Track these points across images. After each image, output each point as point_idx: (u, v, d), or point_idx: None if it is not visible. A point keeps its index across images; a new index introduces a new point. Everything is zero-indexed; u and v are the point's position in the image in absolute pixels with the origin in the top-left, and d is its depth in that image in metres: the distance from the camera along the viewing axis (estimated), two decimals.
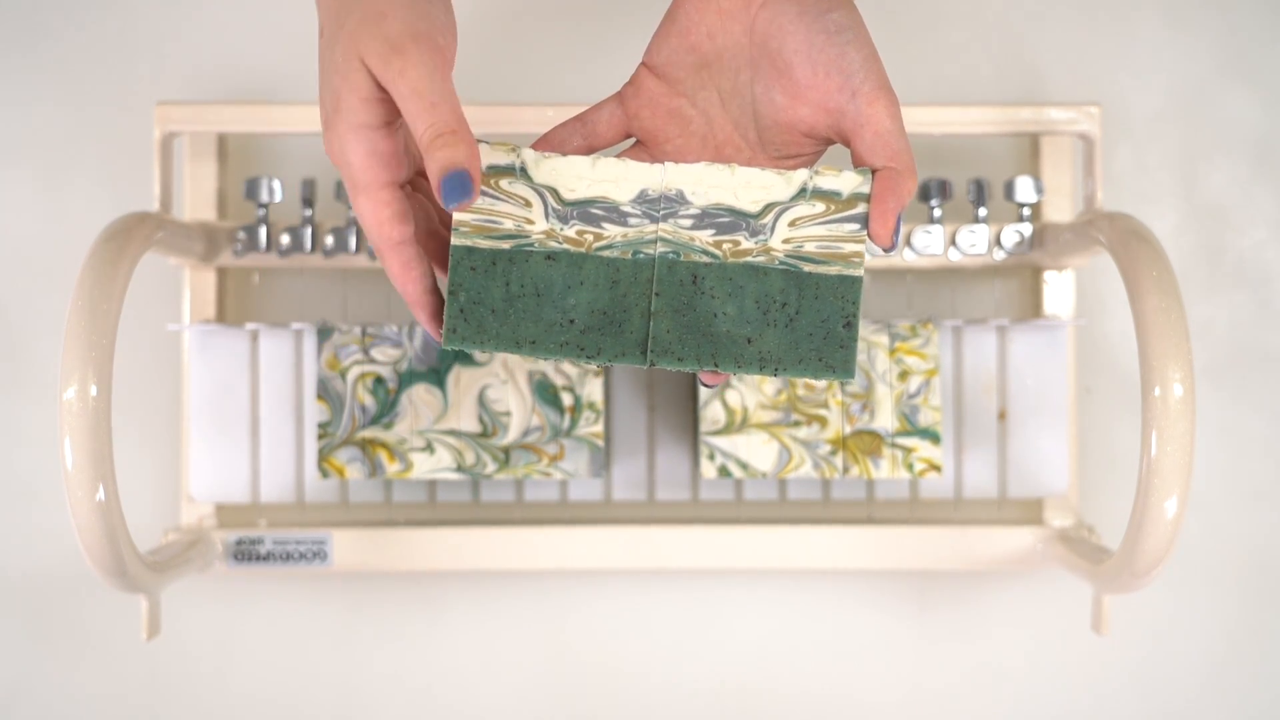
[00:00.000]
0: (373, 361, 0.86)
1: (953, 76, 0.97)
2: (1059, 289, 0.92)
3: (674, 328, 0.60)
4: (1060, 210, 0.92)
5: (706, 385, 0.63)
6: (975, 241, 0.89)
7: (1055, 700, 0.96)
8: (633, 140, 0.65)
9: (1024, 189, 0.88)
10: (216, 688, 0.96)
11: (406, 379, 0.86)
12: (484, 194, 0.59)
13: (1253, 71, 0.97)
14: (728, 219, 0.60)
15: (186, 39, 0.96)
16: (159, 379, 0.95)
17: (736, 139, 0.63)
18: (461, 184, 0.55)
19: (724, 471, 0.86)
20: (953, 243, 0.89)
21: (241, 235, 0.88)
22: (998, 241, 0.89)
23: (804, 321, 0.60)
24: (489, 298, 0.59)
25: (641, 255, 0.60)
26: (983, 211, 0.89)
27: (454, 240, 0.59)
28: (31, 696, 0.95)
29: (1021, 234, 0.89)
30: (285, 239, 0.88)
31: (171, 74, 0.96)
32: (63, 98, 0.96)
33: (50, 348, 0.95)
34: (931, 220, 0.89)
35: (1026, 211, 0.89)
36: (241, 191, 0.92)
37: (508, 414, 0.86)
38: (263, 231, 0.88)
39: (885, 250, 0.59)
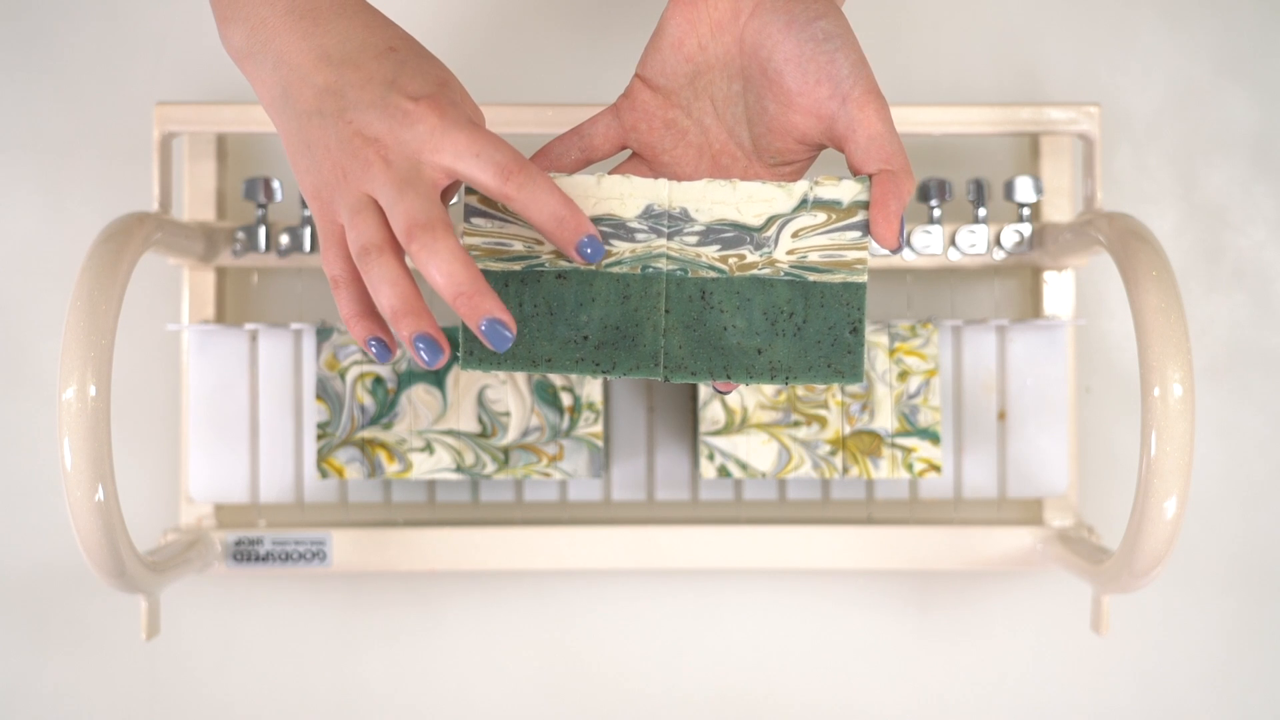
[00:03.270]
0: (372, 362, 0.86)
1: (953, 76, 0.97)
2: (1059, 289, 0.92)
3: (686, 343, 0.61)
4: (1060, 210, 0.92)
5: (721, 392, 0.64)
6: (975, 241, 0.89)
7: (1055, 700, 0.96)
8: (628, 152, 0.65)
9: (1024, 189, 0.88)
10: (216, 688, 0.96)
11: (405, 379, 0.86)
12: (493, 217, 0.61)
13: (1252, 71, 0.97)
14: (732, 234, 0.61)
15: (186, 39, 0.96)
16: (158, 379, 0.95)
17: (732, 148, 0.63)
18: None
19: (723, 471, 0.86)
20: (952, 243, 0.89)
21: (241, 235, 0.88)
22: (997, 241, 0.89)
23: (811, 330, 0.61)
24: None
25: (650, 269, 0.61)
26: (982, 211, 0.89)
27: None
28: (31, 696, 0.95)
29: (1021, 234, 0.89)
30: (284, 239, 0.88)
31: (171, 74, 0.96)
32: (62, 98, 0.96)
33: (50, 348, 0.95)
34: (931, 220, 0.89)
35: (1026, 211, 0.89)
36: (241, 191, 0.92)
37: (507, 414, 0.86)
38: (262, 232, 0.88)
39: (892, 251, 0.60)
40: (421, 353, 0.56)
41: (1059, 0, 0.97)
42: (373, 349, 0.59)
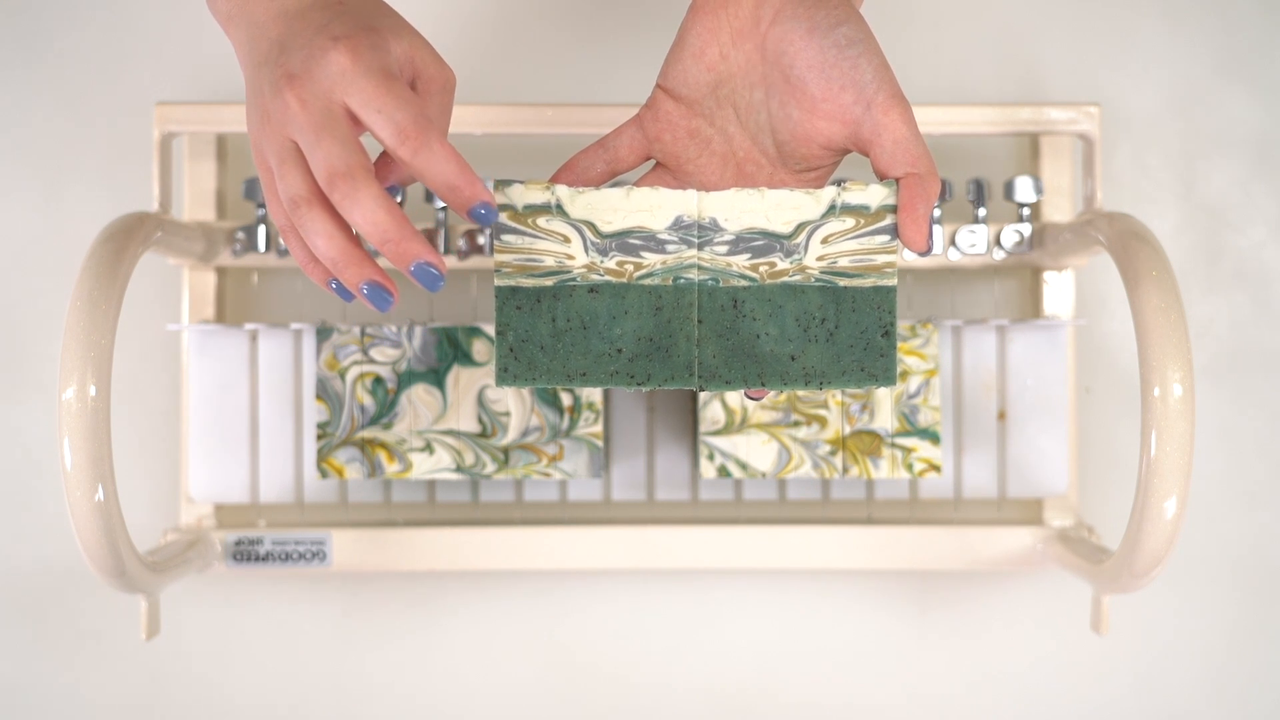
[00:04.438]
0: (372, 362, 0.86)
1: (953, 76, 0.97)
2: (1059, 289, 0.92)
3: (719, 352, 0.62)
4: (1060, 210, 0.92)
5: (753, 398, 0.65)
6: (975, 241, 0.89)
7: (1055, 700, 0.96)
8: (653, 162, 0.65)
9: (1023, 189, 0.88)
10: (216, 688, 0.96)
11: (405, 379, 0.86)
12: (523, 233, 0.61)
13: (1252, 71, 0.97)
14: (762, 242, 0.61)
15: (186, 39, 0.96)
16: (158, 379, 0.95)
17: (756, 155, 0.64)
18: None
19: (723, 471, 0.86)
20: (952, 243, 0.89)
21: (240, 235, 0.88)
22: (997, 241, 0.89)
23: (844, 334, 0.62)
24: (537, 335, 0.61)
25: (682, 280, 0.62)
26: (982, 211, 0.89)
27: (497, 281, 0.61)
28: (31, 696, 0.95)
29: (1021, 234, 0.89)
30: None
31: (171, 74, 0.96)
32: (62, 98, 0.96)
33: (50, 348, 0.95)
34: (931, 220, 0.89)
35: (1026, 211, 0.89)
36: (241, 191, 0.92)
37: (507, 414, 0.86)
38: (262, 231, 0.88)
39: (921, 254, 0.60)
40: (369, 299, 0.56)
41: (1059, 0, 0.97)
42: (333, 288, 0.59)
